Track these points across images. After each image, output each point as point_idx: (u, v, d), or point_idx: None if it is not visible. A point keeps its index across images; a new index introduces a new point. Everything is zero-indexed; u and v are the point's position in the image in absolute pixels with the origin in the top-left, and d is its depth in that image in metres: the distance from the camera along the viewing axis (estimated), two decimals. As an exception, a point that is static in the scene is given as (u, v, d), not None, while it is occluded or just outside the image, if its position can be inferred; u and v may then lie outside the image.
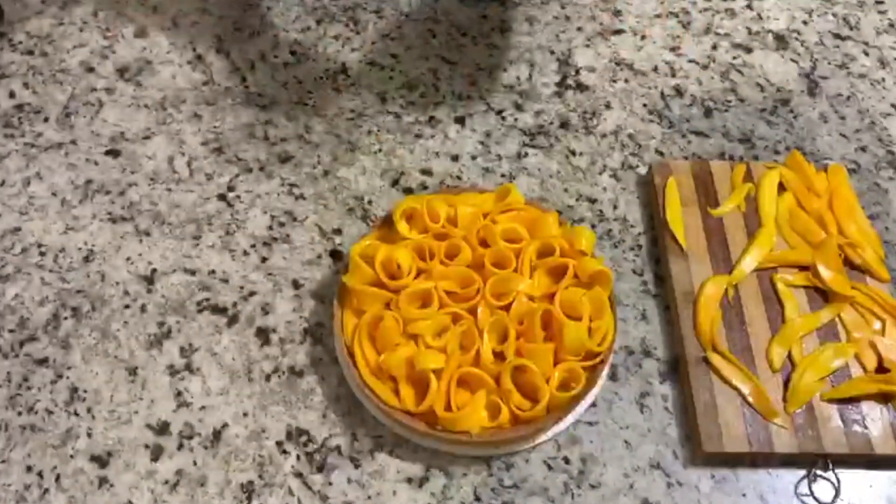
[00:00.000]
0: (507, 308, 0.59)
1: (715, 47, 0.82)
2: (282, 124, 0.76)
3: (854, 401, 0.57)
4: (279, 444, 0.58)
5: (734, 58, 0.81)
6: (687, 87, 0.79)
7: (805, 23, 0.85)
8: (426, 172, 0.72)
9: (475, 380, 0.56)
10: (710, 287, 0.62)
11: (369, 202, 0.70)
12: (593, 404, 0.59)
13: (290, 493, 0.56)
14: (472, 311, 0.59)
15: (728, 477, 0.57)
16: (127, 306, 0.64)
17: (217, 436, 0.58)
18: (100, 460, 0.57)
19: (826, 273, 0.62)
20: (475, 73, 0.80)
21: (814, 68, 0.81)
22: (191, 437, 0.58)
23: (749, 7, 0.86)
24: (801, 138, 0.75)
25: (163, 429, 0.59)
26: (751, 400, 0.57)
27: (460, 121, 0.76)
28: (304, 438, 0.58)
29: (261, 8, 0.85)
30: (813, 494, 0.56)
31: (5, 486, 0.56)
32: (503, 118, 0.76)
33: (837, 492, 0.56)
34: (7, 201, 0.70)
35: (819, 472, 0.56)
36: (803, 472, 0.57)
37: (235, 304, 0.64)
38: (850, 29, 0.84)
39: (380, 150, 0.74)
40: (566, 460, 0.57)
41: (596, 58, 0.81)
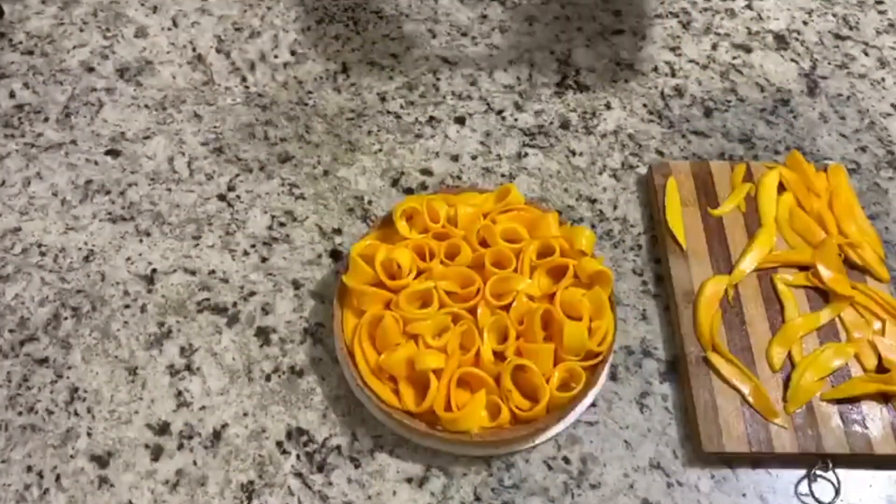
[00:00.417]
0: (507, 308, 0.59)
1: (715, 47, 0.82)
2: (282, 124, 0.76)
3: (854, 401, 0.57)
4: (279, 444, 0.58)
5: (734, 58, 0.81)
6: (687, 87, 0.79)
7: (805, 23, 0.85)
8: (426, 172, 0.72)
9: (475, 380, 0.56)
10: (710, 287, 0.62)
11: (369, 202, 0.70)
12: (593, 404, 0.59)
13: (290, 493, 0.56)
14: (472, 311, 0.59)
15: (728, 477, 0.57)
16: (127, 306, 0.64)
17: (217, 436, 0.58)
18: (100, 460, 0.57)
19: (826, 273, 0.62)
20: (475, 73, 0.80)
21: (814, 68, 0.81)
22: (191, 437, 0.58)
23: (749, 7, 0.86)
24: (801, 138, 0.75)
25: (163, 429, 0.59)
26: (751, 400, 0.57)
27: (460, 121, 0.76)
28: (304, 438, 0.58)
29: (261, 8, 0.85)
30: (813, 494, 0.56)
31: (5, 486, 0.56)
32: (503, 118, 0.76)
33: (837, 492, 0.56)
34: (7, 201, 0.70)
35: (819, 472, 0.56)
36: (803, 472, 0.57)
37: (235, 304, 0.64)
38: (850, 29, 0.84)
39: (380, 150, 0.74)
40: (566, 460, 0.57)
41: (596, 58, 0.81)
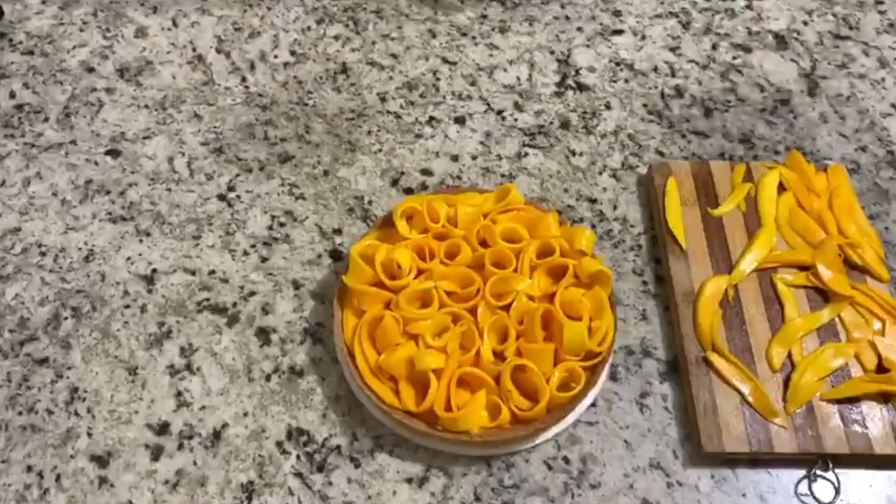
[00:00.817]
0: (507, 308, 0.59)
1: (715, 47, 0.82)
2: (282, 124, 0.76)
3: (854, 401, 0.57)
4: (279, 444, 0.58)
5: (734, 58, 0.81)
6: (687, 87, 0.79)
7: (805, 23, 0.85)
8: (426, 172, 0.72)
9: (475, 380, 0.56)
10: (710, 287, 0.62)
11: (369, 202, 0.70)
12: (593, 404, 0.59)
13: (290, 493, 0.56)
14: (472, 311, 0.59)
15: (728, 477, 0.57)
16: (127, 306, 0.64)
17: (217, 436, 0.58)
18: (100, 460, 0.57)
19: (826, 273, 0.62)
20: (475, 73, 0.80)
21: (814, 68, 0.81)
22: (191, 437, 0.58)
23: (749, 7, 0.86)
24: (801, 138, 0.75)
25: (163, 429, 0.59)
26: (751, 400, 0.57)
27: (460, 121, 0.76)
28: (304, 438, 0.58)
29: (261, 8, 0.85)
30: (813, 494, 0.56)
31: (5, 486, 0.56)
32: (503, 118, 0.76)
33: (837, 492, 0.56)
34: (7, 201, 0.70)
35: (819, 472, 0.56)
36: (803, 472, 0.57)
37: (235, 304, 0.64)
38: (850, 29, 0.84)
39: (380, 150, 0.74)
40: (566, 460, 0.57)
41: (596, 58, 0.81)
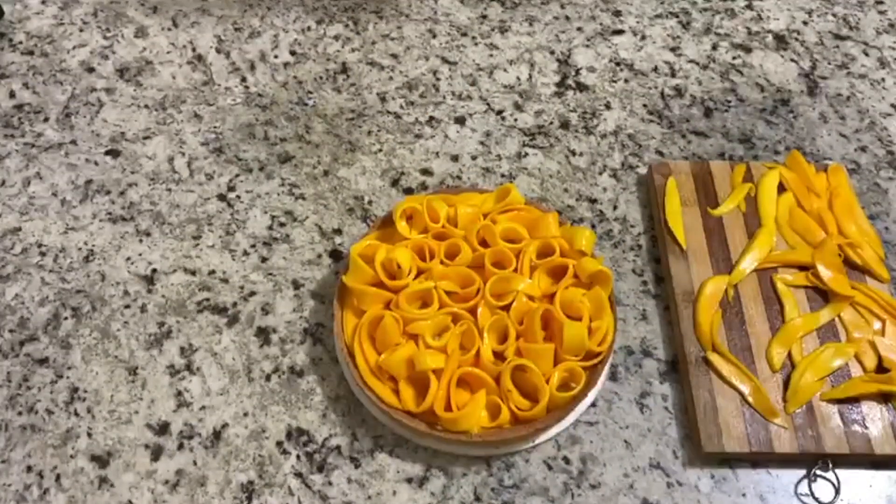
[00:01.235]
0: (507, 308, 0.59)
1: (715, 47, 0.82)
2: (282, 124, 0.76)
3: (854, 401, 0.57)
4: (279, 444, 0.58)
5: (734, 58, 0.81)
6: (687, 87, 0.79)
7: (805, 23, 0.85)
8: (426, 172, 0.72)
9: (475, 380, 0.56)
10: (710, 287, 0.62)
11: (369, 202, 0.70)
12: (593, 404, 0.59)
13: (290, 493, 0.56)
14: (472, 311, 0.59)
15: (728, 477, 0.57)
16: (127, 306, 0.64)
17: (217, 436, 0.58)
18: (100, 460, 0.57)
19: (826, 273, 0.62)
20: (475, 73, 0.80)
21: (814, 68, 0.81)
22: (191, 437, 0.58)
23: (749, 7, 0.86)
24: (801, 138, 0.75)
25: (163, 429, 0.59)
26: (751, 400, 0.57)
27: (460, 121, 0.76)
28: (304, 438, 0.58)
29: (261, 8, 0.85)
30: (813, 494, 0.56)
31: (5, 486, 0.56)
32: (503, 118, 0.76)
33: (837, 492, 0.56)
34: (7, 201, 0.70)
35: (819, 472, 0.56)
36: (803, 472, 0.57)
37: (235, 304, 0.64)
38: (850, 29, 0.84)
39: (380, 150, 0.74)
40: (566, 460, 0.57)
41: (596, 58, 0.81)
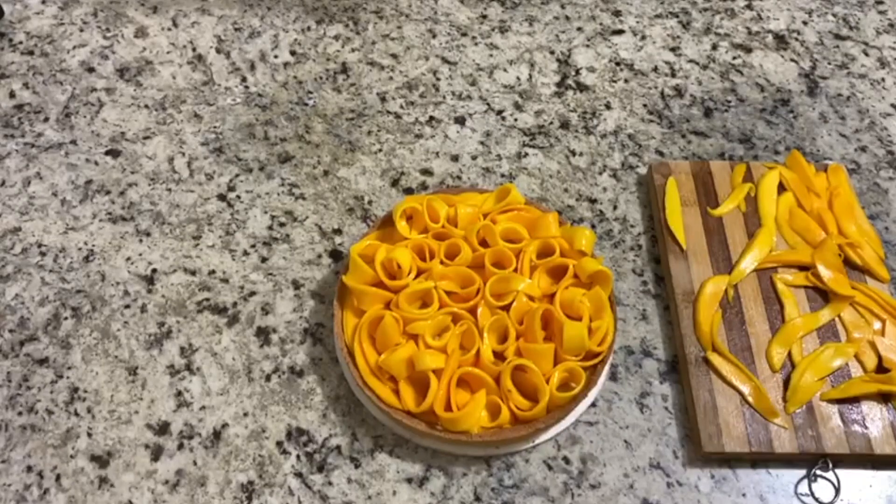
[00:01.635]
0: (507, 308, 0.59)
1: (715, 47, 0.82)
2: (282, 124, 0.76)
3: (854, 401, 0.57)
4: (279, 444, 0.58)
5: (734, 58, 0.81)
6: (687, 87, 0.79)
7: (805, 23, 0.85)
8: (426, 172, 0.72)
9: (475, 380, 0.56)
10: (710, 287, 0.62)
11: (369, 202, 0.70)
12: (593, 404, 0.59)
13: (290, 493, 0.56)
14: (472, 311, 0.59)
15: (728, 477, 0.57)
16: (127, 306, 0.64)
17: (217, 436, 0.58)
18: (100, 460, 0.57)
19: (826, 273, 0.62)
20: (475, 73, 0.80)
21: (814, 68, 0.81)
22: (191, 437, 0.58)
23: (749, 7, 0.86)
24: (801, 138, 0.75)
25: (163, 429, 0.59)
26: (751, 400, 0.57)
27: (460, 121, 0.76)
28: (304, 438, 0.58)
29: (261, 8, 0.85)
30: (813, 494, 0.56)
31: (5, 486, 0.56)
32: (503, 118, 0.76)
33: (837, 492, 0.56)
34: (7, 201, 0.70)
35: (819, 472, 0.56)
36: (803, 472, 0.57)
37: (235, 304, 0.64)
38: (850, 29, 0.84)
39: (380, 150, 0.74)
40: (566, 460, 0.57)
41: (596, 58, 0.81)
